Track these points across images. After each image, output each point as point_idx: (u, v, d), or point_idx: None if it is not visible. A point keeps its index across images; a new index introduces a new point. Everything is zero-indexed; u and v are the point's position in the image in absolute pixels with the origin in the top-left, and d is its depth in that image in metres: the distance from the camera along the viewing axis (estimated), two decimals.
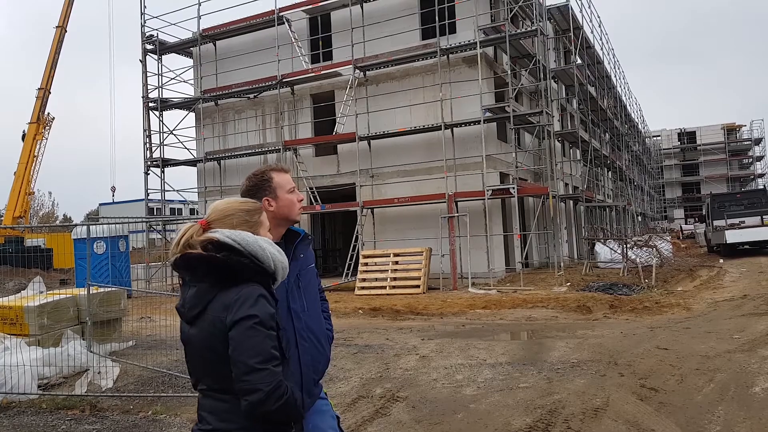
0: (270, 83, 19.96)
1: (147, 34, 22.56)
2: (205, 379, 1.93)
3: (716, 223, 23.56)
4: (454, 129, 17.44)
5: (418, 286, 15.15)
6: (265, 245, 1.98)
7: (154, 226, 22.42)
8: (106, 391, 6.26)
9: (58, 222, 53.11)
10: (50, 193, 74.17)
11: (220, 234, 1.94)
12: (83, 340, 7.29)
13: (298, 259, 2.41)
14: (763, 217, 22.79)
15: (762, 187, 49.21)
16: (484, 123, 16.86)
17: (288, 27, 19.87)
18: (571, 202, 25.07)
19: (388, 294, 15.00)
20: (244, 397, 1.78)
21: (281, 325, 1.94)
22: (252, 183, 2.42)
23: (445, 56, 17.59)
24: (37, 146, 30.94)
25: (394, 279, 15.75)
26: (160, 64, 22.74)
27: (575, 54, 22.74)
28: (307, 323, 2.36)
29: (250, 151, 20.63)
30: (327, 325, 2.57)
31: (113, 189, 39.95)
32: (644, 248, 17.84)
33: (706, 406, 4.86)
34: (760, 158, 63.36)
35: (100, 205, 50.27)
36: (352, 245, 17.96)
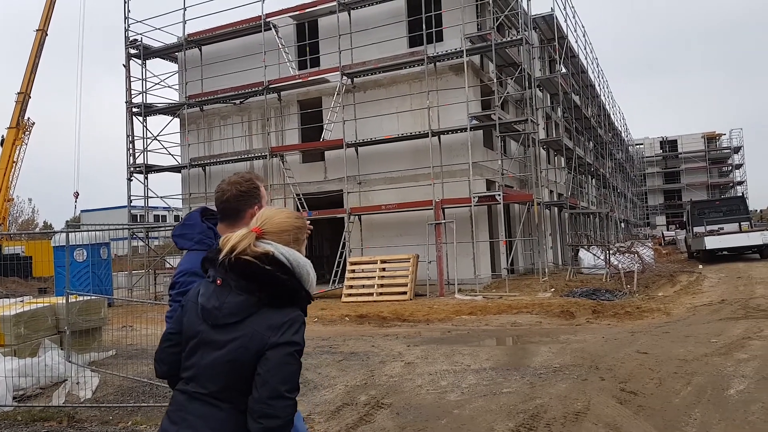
0: (256, 89, 19.93)
1: (131, 38, 22.44)
2: (207, 383, 1.88)
3: (696, 229, 23.93)
4: (441, 136, 17.55)
5: (404, 293, 15.18)
6: (310, 270, 1.99)
7: (137, 234, 22.25)
8: (84, 401, 6.16)
9: (38, 229, 52.45)
10: (30, 199, 72.72)
11: (276, 249, 1.92)
12: (61, 349, 7.16)
13: None
14: (741, 223, 23.22)
15: (740, 194, 50.03)
16: (470, 131, 16.98)
17: (275, 33, 19.89)
18: (556, 209, 25.29)
19: (375, 301, 15.01)
20: (258, 419, 1.77)
21: None
22: (244, 189, 2.34)
23: (432, 64, 17.71)
24: (17, 152, 30.61)
25: (381, 286, 15.76)
26: (144, 69, 22.63)
27: (560, 63, 22.99)
28: None
29: (236, 158, 20.58)
30: None
31: (76, 194, 39.10)
32: (626, 254, 18.05)
33: (683, 409, 4.95)
34: (739, 166, 64.40)
35: (82, 211, 49.72)
36: (339, 252, 17.96)
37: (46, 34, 30.08)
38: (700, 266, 20.58)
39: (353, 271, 16.40)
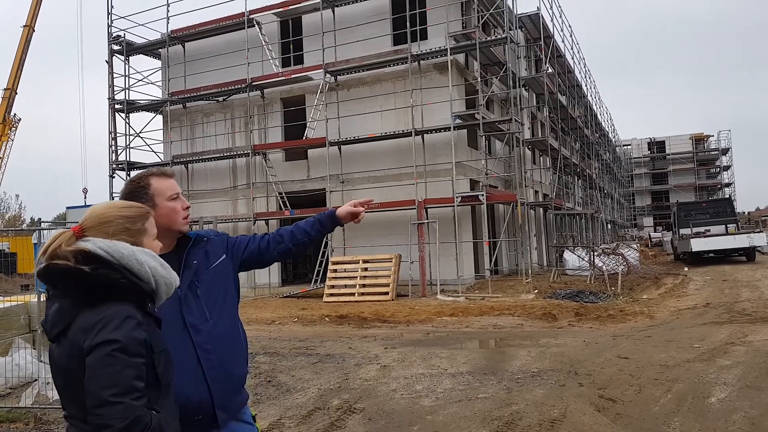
0: (240, 86, 19.72)
1: (114, 34, 22.15)
2: (67, 405, 1.72)
3: (682, 231, 23.97)
4: (425, 135, 17.42)
5: (386, 293, 15.04)
6: (145, 258, 1.74)
7: None
8: (53, 402, 5.98)
9: (24, 225, 52.00)
10: (17, 195, 72.30)
11: (92, 244, 1.69)
12: (34, 349, 7.02)
13: (191, 266, 2.20)
14: (728, 226, 23.29)
15: (728, 196, 50.42)
16: (454, 130, 16.86)
17: (258, 30, 19.66)
18: (541, 209, 25.26)
19: (356, 301, 14.86)
20: None
21: (167, 346, 1.75)
22: (128, 190, 2.17)
23: (416, 62, 17.57)
24: (3, 148, 30.27)
25: (363, 286, 15.62)
26: (127, 66, 22.34)
27: (546, 62, 22.94)
28: (212, 333, 2.14)
29: (218, 155, 20.34)
30: None
31: (85, 191, 39.18)
32: (611, 256, 18.00)
33: (662, 418, 4.82)
34: (727, 168, 64.77)
35: (68, 208, 49.15)
36: (321, 251, 17.78)
37: (34, 30, 29.70)
38: (686, 268, 20.61)
39: (335, 270, 16.24)
